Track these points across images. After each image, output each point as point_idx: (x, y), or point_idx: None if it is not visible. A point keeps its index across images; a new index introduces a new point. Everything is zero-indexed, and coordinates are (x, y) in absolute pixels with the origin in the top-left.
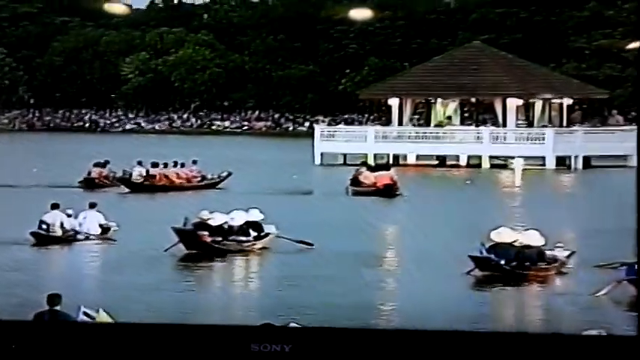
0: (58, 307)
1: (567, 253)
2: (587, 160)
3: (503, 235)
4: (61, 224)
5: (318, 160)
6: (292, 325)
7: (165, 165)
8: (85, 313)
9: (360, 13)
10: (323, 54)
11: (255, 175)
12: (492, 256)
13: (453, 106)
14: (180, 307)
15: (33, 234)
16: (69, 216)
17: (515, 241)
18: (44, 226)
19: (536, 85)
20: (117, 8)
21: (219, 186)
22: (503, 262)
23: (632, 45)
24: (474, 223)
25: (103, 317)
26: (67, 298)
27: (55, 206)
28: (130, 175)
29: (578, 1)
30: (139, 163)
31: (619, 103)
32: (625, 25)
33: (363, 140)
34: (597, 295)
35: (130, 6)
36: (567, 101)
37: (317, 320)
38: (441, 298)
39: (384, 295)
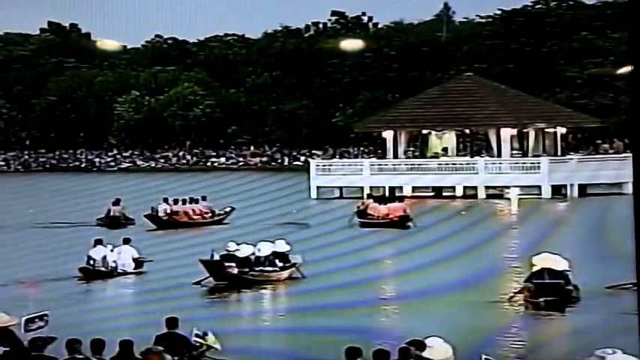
0: (176, 330)
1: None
2: (582, 188)
3: (546, 261)
4: (104, 259)
5: (314, 194)
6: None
7: (184, 202)
8: (197, 335)
9: (354, 45)
10: (317, 89)
11: (255, 210)
12: (562, 281)
13: (448, 137)
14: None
15: (82, 269)
16: (111, 251)
17: (552, 266)
18: (91, 262)
19: (530, 115)
20: (111, 47)
21: (224, 221)
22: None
23: (623, 72)
24: (490, 252)
25: (211, 339)
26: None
27: (98, 242)
28: (157, 212)
29: (568, 31)
30: (165, 201)
31: (612, 131)
32: (615, 53)
33: (359, 173)
34: None
35: (124, 46)
36: (561, 130)
37: None
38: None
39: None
